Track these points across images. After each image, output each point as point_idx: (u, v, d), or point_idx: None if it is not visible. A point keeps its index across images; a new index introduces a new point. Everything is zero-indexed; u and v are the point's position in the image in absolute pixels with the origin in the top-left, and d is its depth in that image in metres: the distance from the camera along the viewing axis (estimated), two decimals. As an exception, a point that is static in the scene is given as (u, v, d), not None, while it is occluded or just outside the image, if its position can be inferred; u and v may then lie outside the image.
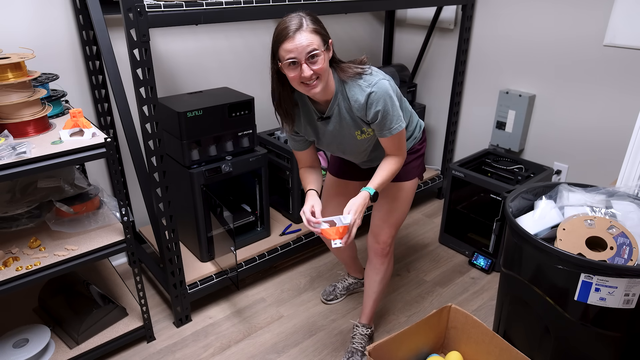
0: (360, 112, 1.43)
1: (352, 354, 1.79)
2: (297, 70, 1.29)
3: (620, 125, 2.18)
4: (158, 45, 2.19)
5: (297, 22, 1.27)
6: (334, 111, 1.45)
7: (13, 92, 1.47)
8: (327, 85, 1.39)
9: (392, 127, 1.42)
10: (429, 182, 2.92)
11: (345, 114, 1.45)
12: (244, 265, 2.13)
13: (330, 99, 1.43)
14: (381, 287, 1.78)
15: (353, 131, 1.49)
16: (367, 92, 1.38)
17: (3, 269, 1.50)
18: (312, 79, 1.30)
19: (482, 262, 2.36)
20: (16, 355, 1.63)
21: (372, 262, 1.76)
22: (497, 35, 2.55)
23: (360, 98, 1.39)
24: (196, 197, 1.96)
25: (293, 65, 1.29)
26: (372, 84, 1.38)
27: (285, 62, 1.28)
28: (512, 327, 1.63)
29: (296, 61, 1.28)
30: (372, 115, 1.40)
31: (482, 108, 2.75)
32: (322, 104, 1.46)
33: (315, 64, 1.29)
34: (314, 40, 1.27)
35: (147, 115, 1.58)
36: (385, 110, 1.39)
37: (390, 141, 1.47)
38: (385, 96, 1.38)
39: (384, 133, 1.44)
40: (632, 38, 2.04)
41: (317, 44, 1.28)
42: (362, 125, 1.47)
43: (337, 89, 1.42)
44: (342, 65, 1.42)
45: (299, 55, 1.27)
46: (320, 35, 1.30)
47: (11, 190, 1.75)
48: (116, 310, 1.86)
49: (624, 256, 1.35)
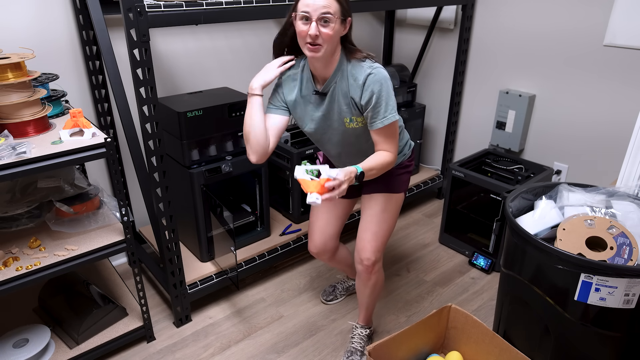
0: (355, 92, 1.41)
1: (351, 353, 1.79)
2: (306, 27, 1.31)
3: (620, 126, 2.18)
4: (158, 45, 2.19)
5: None
6: (330, 89, 1.44)
7: (13, 92, 1.47)
8: (331, 59, 1.40)
9: (385, 116, 1.39)
10: (429, 182, 2.92)
11: (340, 96, 1.44)
12: (244, 265, 2.13)
13: (329, 77, 1.43)
14: (372, 298, 1.76)
15: (342, 117, 1.47)
16: (367, 72, 1.38)
17: (3, 269, 1.50)
18: (316, 40, 1.32)
19: (482, 262, 2.36)
20: (16, 355, 1.63)
21: (360, 277, 1.70)
22: (497, 35, 2.55)
23: (359, 77, 1.39)
24: (196, 197, 1.96)
25: (304, 20, 1.31)
26: (373, 67, 1.40)
27: (300, 14, 1.31)
28: (512, 327, 1.63)
29: (308, 17, 1.30)
30: (367, 97, 1.39)
31: (482, 108, 2.75)
32: (320, 80, 1.46)
33: (325, 27, 1.31)
34: (332, 5, 1.30)
35: (147, 115, 1.58)
36: (380, 93, 1.38)
37: (382, 133, 1.42)
38: (383, 80, 1.38)
39: (377, 123, 1.41)
40: (632, 38, 2.04)
41: (334, 11, 1.31)
42: (354, 111, 1.45)
43: (339, 67, 1.42)
44: (351, 47, 1.44)
45: (313, 12, 1.29)
46: (341, 6, 1.33)
47: (11, 190, 1.75)
48: (116, 310, 1.86)
49: (624, 256, 1.35)
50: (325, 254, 1.81)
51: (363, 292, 1.75)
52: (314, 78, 1.47)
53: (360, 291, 1.76)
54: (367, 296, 1.76)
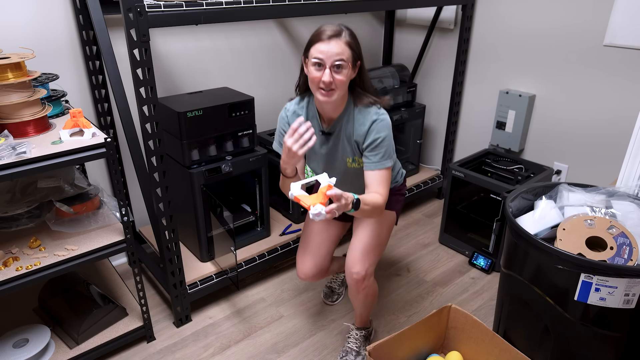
0: (360, 136, 1.47)
1: (346, 353, 1.80)
2: (319, 73, 1.36)
3: (621, 125, 2.18)
4: (158, 45, 2.19)
5: (336, 30, 1.36)
6: (336, 130, 1.51)
7: (13, 92, 1.47)
8: (340, 102, 1.45)
9: (382, 161, 1.47)
10: (429, 182, 2.92)
11: (345, 138, 1.51)
12: (244, 265, 2.13)
13: (335, 118, 1.49)
14: (365, 307, 1.74)
15: (345, 157, 1.54)
16: (374, 119, 1.45)
17: (3, 269, 1.50)
18: (330, 86, 1.36)
19: (482, 262, 2.36)
20: (16, 355, 1.63)
21: (351, 289, 1.66)
22: (497, 35, 2.55)
23: (366, 122, 1.46)
24: (196, 197, 1.96)
25: (317, 67, 1.36)
26: (379, 114, 1.47)
27: (313, 60, 1.35)
28: (512, 327, 1.63)
29: (322, 64, 1.35)
30: (371, 141, 1.46)
31: (482, 108, 2.75)
32: (326, 120, 1.52)
33: (339, 74, 1.35)
34: (345, 51, 1.35)
35: (147, 115, 1.58)
36: (383, 140, 1.45)
37: (377, 175, 1.47)
38: (387, 128, 1.46)
39: (373, 165, 1.47)
40: (632, 38, 2.04)
41: (347, 57, 1.36)
42: (356, 152, 1.52)
43: (347, 110, 1.48)
44: (359, 91, 1.48)
45: (327, 59, 1.34)
46: (352, 51, 1.38)
47: (11, 190, 1.75)
48: (116, 310, 1.86)
49: (624, 256, 1.35)
50: (317, 277, 1.77)
51: (355, 301, 1.72)
52: (319, 116, 1.51)
53: (352, 300, 1.73)
54: (360, 306, 1.74)
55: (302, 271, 1.75)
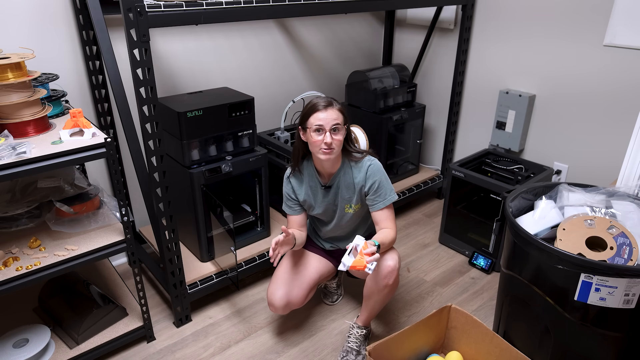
0: (360, 181, 1.71)
1: (346, 352, 1.80)
2: (320, 137, 1.60)
3: (621, 125, 2.18)
4: (158, 45, 2.19)
5: (328, 100, 1.63)
6: (335, 182, 1.74)
7: (13, 92, 1.47)
8: (336, 159, 1.70)
9: (387, 197, 1.70)
10: (429, 182, 2.92)
11: (343, 187, 1.74)
12: (244, 265, 2.13)
13: (334, 172, 1.73)
14: (384, 303, 1.75)
15: (343, 204, 1.77)
16: (368, 164, 1.71)
17: (3, 269, 1.50)
18: (330, 146, 1.60)
19: (482, 262, 2.36)
20: (16, 355, 1.63)
21: (378, 285, 1.68)
22: (497, 35, 2.55)
23: (362, 168, 1.71)
24: (196, 197, 1.96)
25: (318, 132, 1.60)
26: (372, 160, 1.72)
27: (314, 127, 1.59)
28: (512, 327, 1.63)
29: (322, 129, 1.59)
30: (370, 184, 1.69)
31: (482, 108, 2.75)
32: (325, 176, 1.75)
33: (337, 135, 1.61)
34: (339, 117, 1.62)
35: (147, 115, 1.58)
36: (381, 180, 1.70)
37: (384, 214, 1.71)
38: (380, 169, 1.71)
39: (379, 204, 1.70)
40: (632, 38, 2.04)
41: (341, 121, 1.63)
42: (354, 198, 1.74)
43: (343, 164, 1.73)
44: (347, 147, 1.72)
45: (326, 124, 1.59)
46: (344, 116, 1.64)
47: (11, 190, 1.75)
48: (116, 310, 1.86)
49: (624, 256, 1.35)
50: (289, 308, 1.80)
51: (378, 295, 1.71)
52: (318, 173, 1.75)
53: (371, 296, 1.73)
54: (379, 301, 1.73)
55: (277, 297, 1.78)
